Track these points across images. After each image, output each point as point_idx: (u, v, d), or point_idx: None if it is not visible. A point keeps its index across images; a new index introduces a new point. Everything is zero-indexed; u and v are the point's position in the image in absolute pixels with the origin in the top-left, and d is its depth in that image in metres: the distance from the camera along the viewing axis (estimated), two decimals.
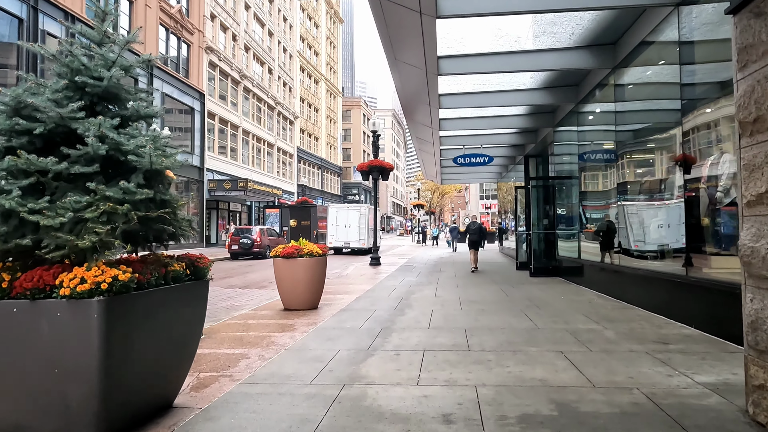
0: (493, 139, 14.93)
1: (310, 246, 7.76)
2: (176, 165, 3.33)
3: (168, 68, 27.91)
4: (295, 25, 51.32)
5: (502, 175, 22.74)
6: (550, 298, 8.50)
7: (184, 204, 3.42)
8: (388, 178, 17.41)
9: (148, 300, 2.97)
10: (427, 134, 14.02)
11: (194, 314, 3.55)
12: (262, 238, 22.01)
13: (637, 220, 7.92)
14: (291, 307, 7.70)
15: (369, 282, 11.71)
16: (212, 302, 9.53)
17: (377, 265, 16.95)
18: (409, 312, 7.26)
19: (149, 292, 2.97)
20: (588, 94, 9.74)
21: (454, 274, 13.68)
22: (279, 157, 46.38)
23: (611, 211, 8.80)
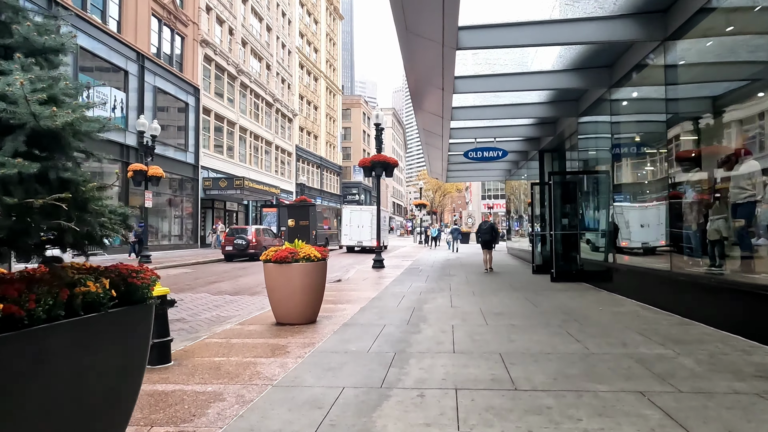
0: (507, 132, 13.75)
1: (307, 249, 6.57)
2: (94, 129, 2.12)
3: (161, 61, 26.71)
4: (294, 20, 50.13)
5: (512, 173, 21.55)
6: (586, 309, 7.31)
7: (103, 188, 2.21)
8: (392, 174, 16.22)
9: (33, 343, 1.78)
10: (436, 126, 12.83)
11: (128, 354, 2.37)
12: (258, 239, 20.80)
13: (704, 219, 6.74)
14: (284, 321, 6.51)
15: (374, 288, 10.51)
16: (196, 312, 8.35)
17: (381, 268, 15.75)
18: (425, 328, 6.07)
19: (32, 333, 1.78)
20: (624, 77, 8.54)
21: (465, 278, 12.48)
22: (277, 155, 45.17)
23: (658, 209, 7.61)
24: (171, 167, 27.62)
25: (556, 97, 11.03)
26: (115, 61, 23.02)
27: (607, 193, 10.06)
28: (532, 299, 8.47)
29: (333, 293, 9.65)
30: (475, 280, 12.06)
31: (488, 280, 12.09)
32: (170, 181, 28.37)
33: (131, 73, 24.13)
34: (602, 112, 9.96)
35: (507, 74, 9.29)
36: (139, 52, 24.64)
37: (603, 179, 10.40)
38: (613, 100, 9.17)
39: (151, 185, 17.93)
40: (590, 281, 10.64)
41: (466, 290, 9.92)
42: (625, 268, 8.58)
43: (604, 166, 10.25)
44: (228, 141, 35.48)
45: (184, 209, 29.72)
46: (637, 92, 8.53)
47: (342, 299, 8.80)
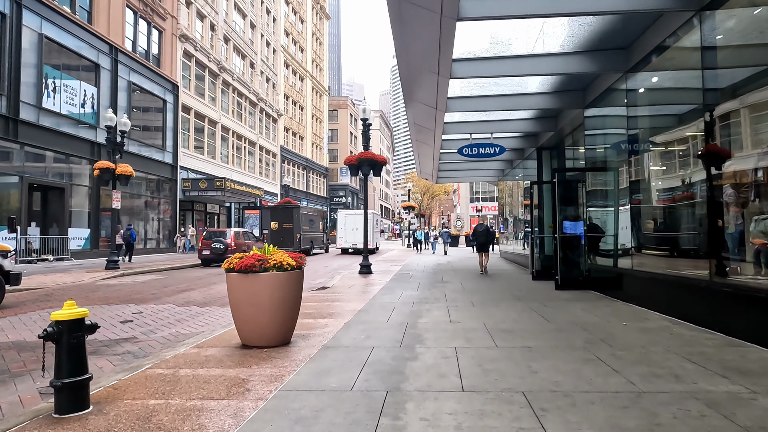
0: (505, 126, 12.73)
1: (279, 255, 5.43)
2: None
3: (136, 55, 25.35)
4: (279, 18, 48.91)
5: (505, 173, 20.58)
6: (607, 325, 6.27)
7: None
8: (380, 173, 15.12)
9: None
10: (428, 119, 11.77)
11: None
12: (238, 242, 19.54)
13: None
14: (251, 343, 5.36)
15: (360, 297, 9.39)
16: (152, 329, 7.14)
17: (368, 274, 14.63)
18: (423, 352, 4.97)
19: None
20: (643, 60, 7.55)
21: (461, 285, 11.42)
22: (261, 156, 43.86)
23: (691, 208, 6.61)
24: (147, 167, 26.25)
25: (561, 86, 10.04)
26: (86, 53, 21.63)
27: (618, 193, 9.08)
28: (540, 311, 7.41)
29: (314, 304, 8.51)
30: (472, 287, 10.99)
31: (486, 287, 11.04)
32: (147, 182, 27.00)
33: (103, 67, 22.75)
34: (614, 103, 8.98)
35: (511, 57, 8.25)
36: (112, 45, 23.27)
37: (613, 177, 9.42)
38: (629, 88, 8.17)
39: (120, 185, 16.57)
40: (599, 289, 9.64)
41: (463, 300, 8.84)
42: (645, 275, 7.57)
43: (615, 162, 9.26)
44: (209, 140, 34.12)
45: (162, 211, 28.31)
46: (659, 78, 7.54)
47: (324, 312, 7.66)
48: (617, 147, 9.12)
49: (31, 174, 18.97)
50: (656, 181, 7.57)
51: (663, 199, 7.41)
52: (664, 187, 7.41)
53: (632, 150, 8.19)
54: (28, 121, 18.41)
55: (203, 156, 33.02)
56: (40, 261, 18.64)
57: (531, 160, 15.99)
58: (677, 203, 6.93)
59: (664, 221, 7.37)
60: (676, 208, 6.90)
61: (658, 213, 7.61)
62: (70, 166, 21.07)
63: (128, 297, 10.54)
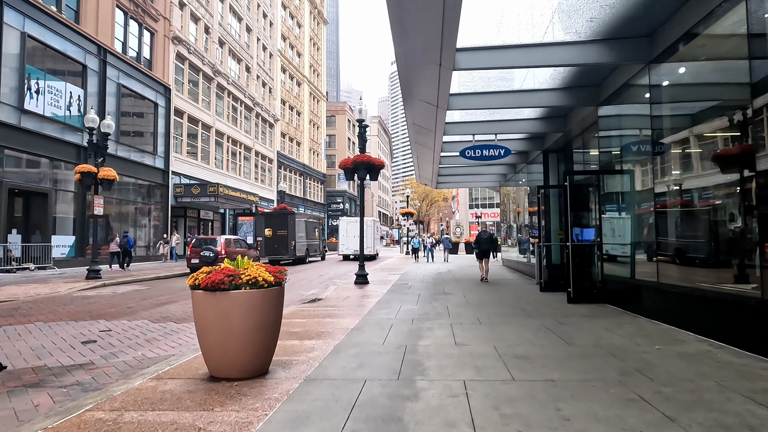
0: (510, 127, 11.92)
1: (253, 269, 4.57)
2: None
3: (126, 57, 24.57)
4: (276, 22, 48.28)
5: (508, 178, 19.77)
6: (638, 349, 5.41)
7: None
8: (377, 177, 14.29)
9: None
10: (429, 119, 10.96)
11: None
12: (229, 250, 18.66)
13: None
14: (220, 373, 4.50)
15: (354, 313, 8.51)
16: (115, 351, 6.23)
17: (364, 284, 13.76)
18: (425, 388, 4.10)
19: None
20: (670, 48, 6.75)
21: (464, 298, 10.55)
22: (257, 161, 43.04)
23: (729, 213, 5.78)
24: (137, 172, 25.41)
25: (572, 81, 9.23)
26: (72, 54, 20.84)
27: (636, 196, 8.26)
28: (557, 331, 6.55)
29: (302, 321, 7.64)
30: (477, 300, 10.12)
31: (492, 300, 10.17)
32: (138, 188, 26.14)
33: (91, 68, 21.95)
34: (634, 98, 8.17)
35: (521, 46, 7.45)
36: (100, 46, 22.49)
37: (630, 179, 8.60)
38: (653, 82, 7.35)
39: (103, 189, 15.71)
40: (616, 303, 8.79)
41: (469, 316, 7.97)
42: (675, 289, 6.71)
43: (634, 163, 8.44)
44: (203, 145, 33.29)
45: (153, 218, 27.42)
46: (692, 68, 6.72)
47: (312, 331, 6.79)
48: (637, 146, 8.30)
49: (12, 179, 18.10)
50: (689, 183, 6.73)
51: (699, 201, 6.56)
52: (698, 188, 6.57)
53: (656, 149, 7.36)
54: (8, 123, 17.58)
55: (196, 161, 32.18)
56: (21, 270, 17.74)
57: (536, 164, 15.18)
58: (715, 206, 6.09)
59: (698, 227, 6.52)
60: (715, 212, 6.05)
61: (690, 218, 6.76)
62: (54, 170, 20.21)
63: (101, 311, 9.65)
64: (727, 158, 5.79)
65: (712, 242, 6.10)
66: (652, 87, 7.38)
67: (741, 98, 5.41)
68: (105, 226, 24.02)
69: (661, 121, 7.29)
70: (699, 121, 6.56)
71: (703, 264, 6.37)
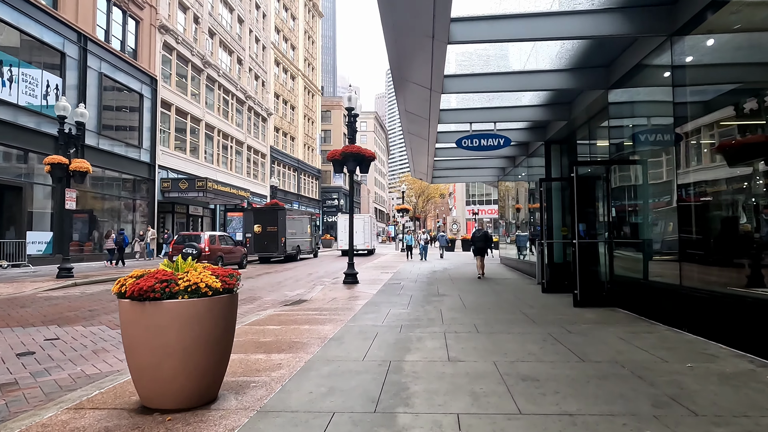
0: (510, 115, 11.01)
1: (195, 273, 3.66)
2: None
3: (109, 45, 23.54)
4: (269, 14, 47.16)
5: (506, 172, 18.88)
6: (666, 367, 4.53)
7: None
8: (368, 169, 13.38)
9: None
10: (422, 106, 10.05)
11: None
12: (213, 247, 17.72)
13: None
14: (152, 403, 3.59)
15: (337, 317, 7.61)
16: (55, 365, 5.21)
17: (353, 284, 12.87)
18: (409, 426, 3.21)
19: None
20: (696, 18, 5.86)
21: (460, 299, 9.66)
22: (250, 156, 42.02)
23: None
24: (121, 166, 24.42)
25: (580, 61, 8.33)
26: (49, 40, 19.80)
27: (651, 189, 7.38)
28: (566, 342, 5.66)
29: (276, 328, 6.74)
30: (474, 303, 9.23)
31: (490, 302, 9.29)
32: (122, 182, 25.13)
33: (70, 56, 20.92)
34: (651, 80, 7.28)
35: (524, 15, 6.54)
36: (81, 33, 21.45)
37: (644, 170, 7.73)
38: (676, 58, 6.45)
39: (75, 182, 14.75)
40: (628, 307, 7.93)
41: (465, 322, 7.08)
42: (702, 294, 5.83)
43: (650, 153, 7.56)
44: (192, 139, 32.26)
45: (139, 213, 26.42)
46: (723, 41, 5.83)
47: (284, 341, 5.88)
48: (655, 134, 7.42)
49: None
50: (718, 173, 5.85)
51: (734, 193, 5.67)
52: (732, 178, 5.68)
53: (679, 136, 6.47)
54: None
55: (185, 155, 31.16)
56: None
57: (537, 157, 14.30)
58: (756, 198, 5.20)
59: (733, 223, 5.63)
60: (756, 206, 5.17)
61: (723, 212, 5.87)
62: (29, 163, 19.20)
63: (58, 315, 8.72)
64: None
65: (752, 239, 5.22)
66: (675, 67, 6.47)
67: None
68: (89, 222, 23.07)
69: (686, 104, 6.39)
70: (730, 103, 5.68)
71: (738, 265, 5.49)
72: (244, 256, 20.75)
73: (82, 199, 22.25)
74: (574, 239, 8.46)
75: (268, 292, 12.57)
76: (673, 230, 6.63)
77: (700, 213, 6.22)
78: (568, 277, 10.41)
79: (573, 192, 8.49)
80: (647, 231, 7.71)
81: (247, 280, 15.44)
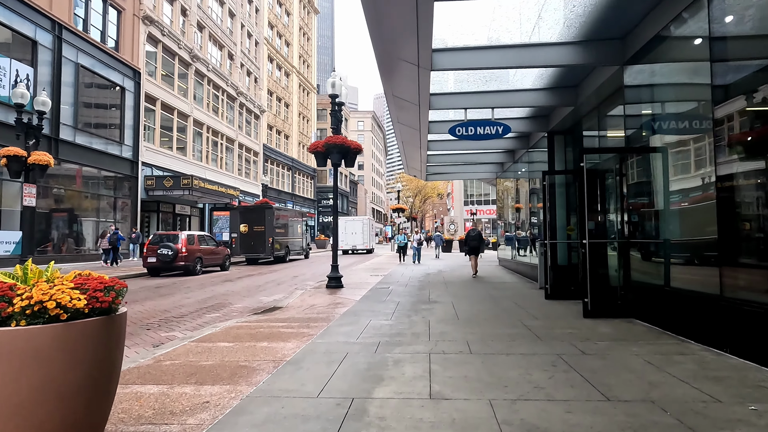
0: (509, 99, 9.84)
1: (45, 287, 2.47)
2: None
3: (87, 35, 22.34)
4: (262, 9, 45.99)
5: (505, 168, 17.70)
6: (722, 411, 3.36)
7: None
8: (353, 163, 12.21)
9: None
10: (409, 88, 8.88)
11: None
12: (190, 248, 16.53)
13: None
14: None
15: (304, 333, 6.43)
16: None
17: (336, 288, 11.70)
18: None
19: None
20: None
21: (453, 307, 8.48)
22: (241, 154, 40.81)
23: None
24: (100, 162, 23.19)
25: (592, 32, 7.17)
26: (18, 26, 18.58)
27: (681, 182, 6.21)
28: (583, 368, 4.48)
29: (228, 346, 5.55)
30: (469, 312, 8.05)
31: (487, 312, 8.11)
32: (104, 179, 23.91)
33: (42, 44, 19.69)
34: (678, 51, 6.11)
35: None
36: (55, 21, 20.23)
37: (664, 160, 6.56)
38: (715, 22, 5.29)
39: (35, 177, 13.56)
40: (647, 318, 6.76)
41: (456, 338, 5.90)
42: (754, 307, 4.66)
43: (677, 140, 6.39)
44: (179, 135, 31.04)
45: (118, 213, 25.20)
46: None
47: (226, 366, 4.70)
48: (683, 118, 6.25)
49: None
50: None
51: None
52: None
53: (717, 118, 5.29)
54: None
55: (171, 152, 29.93)
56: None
57: (539, 151, 13.16)
58: None
59: None
60: None
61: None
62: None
63: None
64: None
65: None
66: (713, 39, 5.30)
67: None
68: (68, 221, 21.85)
69: (727, 79, 5.22)
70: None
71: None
72: (227, 257, 19.54)
73: (61, 197, 21.07)
74: (584, 239, 7.29)
75: (242, 297, 11.39)
76: (707, 230, 5.46)
77: (751, 209, 5.05)
78: (574, 281, 9.26)
79: (582, 185, 7.31)
80: (671, 230, 6.54)
81: (224, 284, 14.24)
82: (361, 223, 37.21)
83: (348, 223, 37.02)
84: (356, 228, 36.67)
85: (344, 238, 35.58)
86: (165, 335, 7.07)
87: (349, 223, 37.04)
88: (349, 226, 36.64)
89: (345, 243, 35.60)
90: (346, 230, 36.10)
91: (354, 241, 36.18)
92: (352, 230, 36.28)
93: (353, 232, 36.22)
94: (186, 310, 9.52)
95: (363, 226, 36.87)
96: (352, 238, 36.07)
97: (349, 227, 36.52)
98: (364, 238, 36.50)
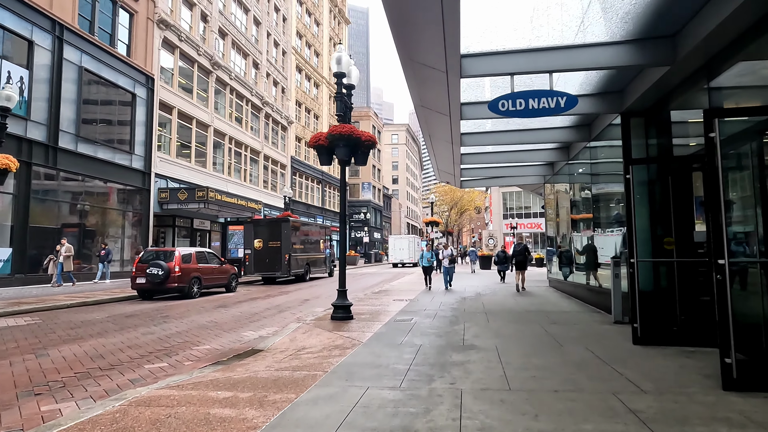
0: (571, 58, 6.99)
1: None
2: None
3: (93, 37, 20.82)
4: (290, 18, 44.59)
5: (556, 169, 14.69)
6: None
7: None
8: (365, 160, 9.59)
9: None
10: (434, 50, 6.22)
11: None
12: (184, 267, 14.23)
13: None
14: None
15: (246, 416, 3.77)
16: None
17: (345, 321, 9.03)
18: None
19: None
20: None
21: (498, 361, 5.65)
22: (267, 166, 39.03)
23: None
24: (106, 173, 21.49)
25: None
26: (11, 25, 17.08)
27: None
28: None
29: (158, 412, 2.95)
30: (523, 368, 5.20)
31: (552, 366, 5.25)
32: (112, 192, 22.22)
33: (39, 44, 18.17)
34: None
35: None
36: (55, 21, 18.75)
37: None
38: None
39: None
40: None
41: None
42: None
43: None
44: (198, 146, 29.36)
45: (128, 227, 23.45)
46: None
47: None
48: None
49: None
50: None
51: None
52: None
53: None
54: None
55: (189, 163, 28.23)
56: None
57: (605, 142, 10.23)
58: None
59: None
60: None
61: None
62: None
63: None
64: None
65: None
66: None
67: None
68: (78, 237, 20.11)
69: None
70: None
71: None
72: (234, 276, 17.19)
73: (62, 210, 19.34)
74: (720, 258, 4.36)
75: (220, 333, 8.85)
76: None
77: None
78: (672, 317, 6.31)
79: (716, 167, 4.41)
80: None
81: (214, 312, 11.77)
82: (407, 240, 42.96)
83: (396, 241, 43.10)
84: (403, 245, 42.27)
85: (393, 253, 42.14)
86: (28, 414, 4.56)
87: (397, 241, 43.04)
88: (398, 243, 42.63)
89: (394, 257, 42.10)
90: (395, 246, 42.52)
91: (401, 256, 41.66)
92: (400, 246, 42.09)
93: (401, 248, 41.90)
94: (129, 354, 7.03)
95: (409, 243, 42.49)
96: (400, 254, 41.71)
97: (398, 244, 42.48)
98: (410, 253, 41.41)
